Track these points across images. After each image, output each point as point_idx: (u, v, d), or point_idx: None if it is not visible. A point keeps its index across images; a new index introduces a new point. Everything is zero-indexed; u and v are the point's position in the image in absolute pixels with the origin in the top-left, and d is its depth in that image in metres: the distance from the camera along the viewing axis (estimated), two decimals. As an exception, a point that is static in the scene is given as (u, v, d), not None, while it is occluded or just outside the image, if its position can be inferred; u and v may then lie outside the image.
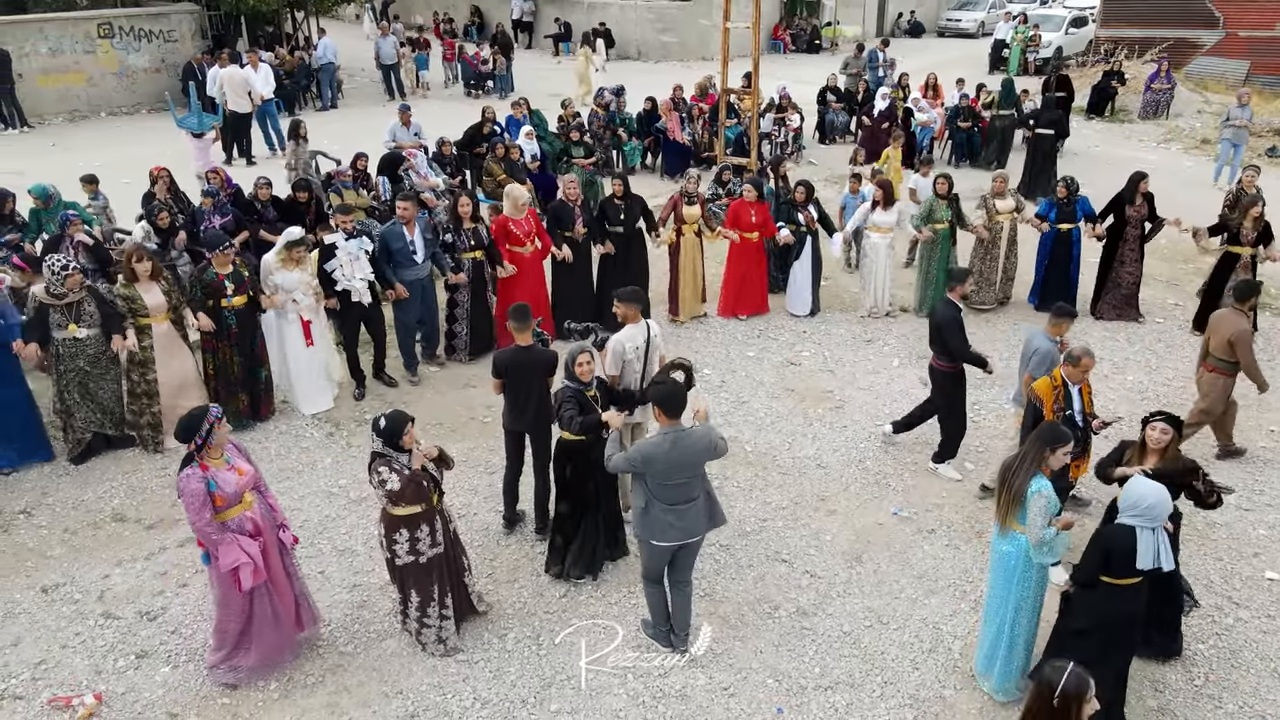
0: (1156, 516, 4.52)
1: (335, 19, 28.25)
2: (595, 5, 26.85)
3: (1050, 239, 9.94)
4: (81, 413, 7.11)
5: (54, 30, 17.69)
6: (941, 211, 9.77)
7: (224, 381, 7.58)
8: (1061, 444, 4.82)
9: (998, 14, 29.17)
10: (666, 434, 4.95)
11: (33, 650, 5.40)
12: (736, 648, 5.54)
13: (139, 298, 7.06)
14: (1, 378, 6.93)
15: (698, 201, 9.62)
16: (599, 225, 9.31)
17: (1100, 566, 4.66)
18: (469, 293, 8.71)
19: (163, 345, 7.23)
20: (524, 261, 8.88)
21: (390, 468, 4.93)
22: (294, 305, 7.68)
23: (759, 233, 9.67)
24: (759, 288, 10.08)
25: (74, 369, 6.99)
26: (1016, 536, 4.89)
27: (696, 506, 5.12)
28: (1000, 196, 9.95)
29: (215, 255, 7.32)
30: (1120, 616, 4.71)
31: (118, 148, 15.67)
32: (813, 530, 6.62)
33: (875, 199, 9.77)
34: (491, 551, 6.34)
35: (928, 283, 10.00)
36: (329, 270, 7.84)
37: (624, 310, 6.28)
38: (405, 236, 8.25)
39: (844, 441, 7.74)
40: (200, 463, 4.80)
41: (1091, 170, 15.48)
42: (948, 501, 6.95)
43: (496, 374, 6.12)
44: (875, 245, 9.81)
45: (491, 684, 5.23)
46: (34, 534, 6.44)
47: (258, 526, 4.98)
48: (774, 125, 15.63)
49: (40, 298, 6.80)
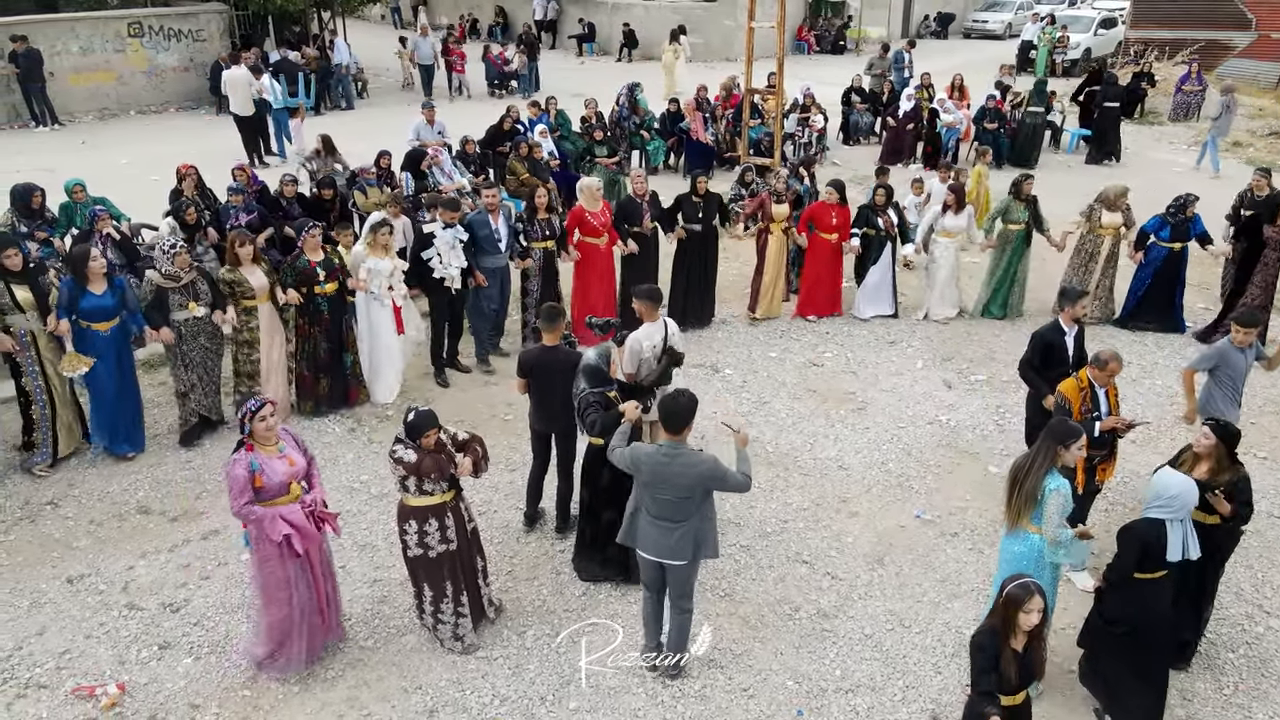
0: (1182, 507, 4.50)
1: (361, 19, 28.42)
2: (619, 6, 26.87)
3: (1160, 257, 9.33)
4: (196, 394, 7.35)
5: (85, 29, 17.90)
6: (1018, 213, 9.56)
7: (309, 365, 7.74)
8: (1073, 439, 4.79)
9: (1025, 15, 28.91)
10: (662, 447, 4.83)
11: (58, 640, 5.45)
12: (756, 649, 5.50)
13: (244, 280, 7.29)
14: (123, 369, 7.14)
15: (786, 200, 9.58)
16: (669, 219, 9.40)
17: (1136, 563, 4.61)
18: (539, 282, 8.84)
19: (266, 327, 7.47)
20: (597, 253, 9.01)
21: (407, 446, 4.97)
22: (388, 292, 7.85)
23: (837, 235, 9.59)
24: (833, 290, 9.96)
25: (196, 347, 7.21)
26: (1028, 536, 4.85)
27: (683, 530, 4.84)
28: (1110, 209, 9.47)
29: (305, 239, 7.52)
30: (1150, 612, 4.67)
31: (146, 145, 15.84)
32: (834, 532, 6.57)
33: (946, 203, 9.64)
34: (511, 549, 6.34)
35: (996, 285, 9.80)
36: (426, 259, 8.00)
37: (641, 308, 6.26)
38: (490, 224, 8.38)
39: (866, 443, 7.68)
40: (248, 444, 4.82)
41: (1123, 175, 15.32)
42: (971, 505, 6.88)
43: (521, 373, 6.12)
44: (944, 249, 9.69)
45: (511, 681, 5.23)
46: (60, 525, 6.50)
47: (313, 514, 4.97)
48: (798, 126, 15.56)
49: (157, 281, 6.98)
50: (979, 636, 4.06)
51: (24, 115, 17.16)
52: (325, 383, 7.86)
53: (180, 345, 7.17)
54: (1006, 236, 9.71)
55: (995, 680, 3.97)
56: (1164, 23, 22.45)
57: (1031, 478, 4.76)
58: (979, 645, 4.03)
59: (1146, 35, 22.51)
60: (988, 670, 3.98)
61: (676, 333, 6.33)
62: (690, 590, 5.10)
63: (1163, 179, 14.14)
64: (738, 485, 4.83)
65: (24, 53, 16.34)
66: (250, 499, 4.77)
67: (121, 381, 7.12)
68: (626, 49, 25.89)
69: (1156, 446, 7.49)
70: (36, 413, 6.94)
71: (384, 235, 7.85)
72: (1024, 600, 3.92)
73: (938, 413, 8.14)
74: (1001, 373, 8.83)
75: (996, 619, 4.04)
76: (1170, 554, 4.52)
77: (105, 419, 7.14)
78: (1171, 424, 7.86)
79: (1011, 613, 3.95)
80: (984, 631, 4.08)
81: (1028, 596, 3.92)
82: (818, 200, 9.88)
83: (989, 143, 15.29)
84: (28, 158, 14.63)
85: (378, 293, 7.84)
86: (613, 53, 26.47)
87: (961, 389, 8.56)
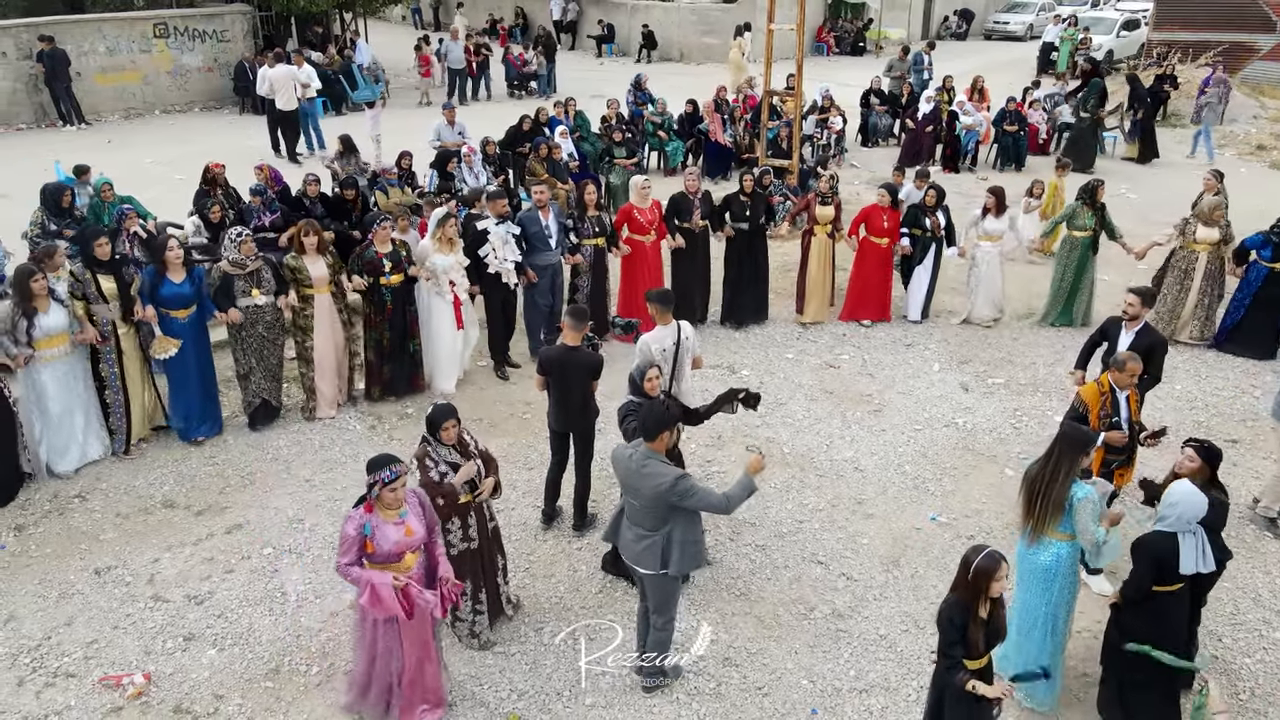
0: (1189, 518, 4.49)
1: (383, 20, 28.62)
2: (638, 7, 26.92)
3: (1259, 277, 8.82)
4: (255, 378, 7.59)
5: (112, 30, 18.12)
6: (1085, 219, 9.39)
7: (375, 353, 8.00)
8: (1092, 446, 4.85)
9: (1046, 17, 28.74)
10: (636, 452, 4.73)
11: (85, 630, 5.57)
12: (771, 648, 5.54)
13: (305, 269, 7.53)
14: (200, 355, 7.44)
15: (832, 202, 9.62)
16: (720, 217, 9.49)
17: (1152, 577, 4.59)
18: (590, 279, 8.95)
19: (322, 316, 7.65)
20: (645, 250, 9.12)
21: (423, 462, 5.03)
22: (450, 287, 8.01)
23: (888, 239, 9.60)
24: (883, 294, 9.93)
25: (254, 335, 7.45)
26: (1053, 545, 4.83)
27: (651, 541, 4.74)
28: (1206, 224, 9.09)
29: (376, 232, 7.72)
30: (1167, 626, 4.65)
31: (171, 145, 16.03)
32: (850, 533, 6.60)
33: (986, 206, 9.57)
34: (529, 546, 6.41)
35: (1063, 292, 9.69)
36: (481, 255, 8.14)
37: (654, 311, 6.31)
38: (541, 221, 8.48)
39: (882, 445, 7.70)
40: (367, 504, 4.56)
41: (1148, 178, 15.24)
42: (987, 508, 6.89)
43: (541, 370, 6.18)
44: (986, 253, 9.64)
45: (528, 676, 5.29)
46: (88, 518, 6.63)
47: (408, 596, 4.54)
48: (816, 127, 15.57)
49: (223, 268, 7.28)
50: (948, 610, 4.20)
51: (51, 114, 17.40)
52: (388, 370, 8.09)
53: (240, 331, 7.44)
54: (1072, 243, 9.52)
55: (965, 649, 4.14)
56: (1187, 25, 22.25)
57: (1058, 489, 4.74)
58: (949, 618, 4.17)
59: (1169, 37, 22.33)
60: (957, 641, 4.14)
61: (691, 335, 6.37)
62: (666, 606, 4.96)
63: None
64: (709, 505, 4.64)
65: (49, 53, 16.58)
66: (353, 560, 4.49)
67: (198, 366, 7.45)
68: (645, 50, 25.95)
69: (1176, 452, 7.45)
70: (110, 398, 7.20)
71: (450, 228, 7.98)
72: (994, 570, 4.06)
73: (954, 415, 8.15)
74: (1019, 376, 8.83)
75: (963, 591, 4.16)
76: (1183, 566, 4.50)
77: (182, 403, 7.47)
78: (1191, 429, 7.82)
79: (983, 584, 4.09)
80: (952, 605, 4.20)
81: (997, 566, 4.07)
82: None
83: (1008, 146, 15.27)
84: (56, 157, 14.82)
85: (440, 288, 8.00)
86: (632, 54, 26.53)
87: (979, 392, 8.56)
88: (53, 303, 6.70)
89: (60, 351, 6.79)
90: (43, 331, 6.62)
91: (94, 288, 6.96)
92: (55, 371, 6.81)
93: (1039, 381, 8.75)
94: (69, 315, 6.79)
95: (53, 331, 6.68)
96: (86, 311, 6.92)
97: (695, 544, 4.87)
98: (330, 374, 7.88)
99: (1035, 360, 9.17)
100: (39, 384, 6.80)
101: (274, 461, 7.34)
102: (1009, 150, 15.72)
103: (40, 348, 6.65)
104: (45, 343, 6.67)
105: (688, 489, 4.61)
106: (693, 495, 4.62)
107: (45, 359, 6.71)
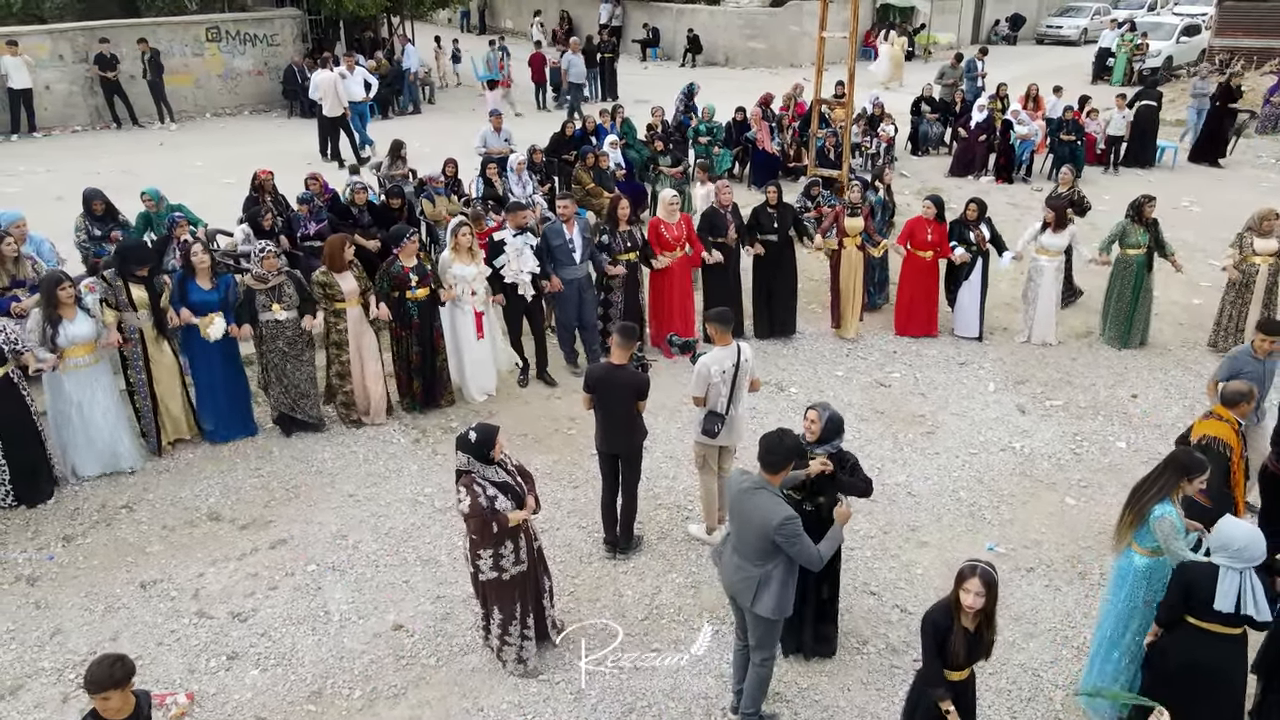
0: (1248, 559, 4.25)
1: (430, 23, 28.77)
2: (684, 11, 26.77)
3: None
4: (275, 391, 7.64)
5: (165, 33, 18.39)
6: (1138, 236, 9.10)
7: (403, 367, 8.01)
8: (1199, 474, 4.67)
9: (1102, 21, 28.06)
10: (748, 478, 4.66)
11: (130, 646, 5.53)
12: (823, 684, 5.36)
13: (336, 284, 7.54)
14: (228, 360, 7.54)
15: (861, 214, 9.45)
16: (751, 231, 9.35)
17: (1181, 605, 4.42)
18: (623, 293, 8.84)
19: (353, 329, 7.69)
20: (671, 266, 8.98)
21: (471, 488, 4.89)
22: (471, 298, 8.02)
23: (933, 252, 9.40)
24: (929, 309, 9.72)
25: (275, 350, 7.47)
26: (1130, 554, 4.84)
27: (749, 575, 4.62)
28: (1262, 235, 8.77)
29: (401, 247, 7.72)
30: (1205, 666, 4.39)
31: (220, 148, 16.20)
32: (903, 562, 6.39)
33: (1046, 220, 9.27)
34: (574, 569, 6.29)
35: (1117, 315, 9.39)
36: (498, 266, 8.12)
37: (713, 331, 6.15)
38: (565, 234, 8.39)
39: (936, 469, 7.47)
40: None
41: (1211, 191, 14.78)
42: (1047, 538, 6.64)
43: (586, 388, 6.07)
44: (1042, 269, 9.33)
45: (573, 707, 5.17)
46: (134, 529, 6.63)
47: None
48: (864, 136, 15.28)
49: (246, 282, 7.36)
50: (933, 612, 4.17)
51: (106, 117, 17.69)
52: (418, 383, 8.07)
53: (261, 345, 7.45)
54: (1125, 262, 9.21)
55: (944, 659, 4.13)
56: (1251, 30, 21.56)
57: (1145, 501, 4.73)
58: (933, 621, 4.14)
59: (1232, 43, 21.66)
60: (936, 651, 4.13)
61: (750, 357, 6.20)
62: (767, 643, 4.79)
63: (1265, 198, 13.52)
64: (807, 558, 4.50)
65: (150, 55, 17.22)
66: None
67: (226, 371, 7.53)
68: (690, 54, 25.79)
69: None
70: (139, 403, 7.31)
71: (465, 236, 7.92)
72: (966, 578, 4.05)
73: (1011, 439, 7.89)
74: (1078, 398, 8.54)
75: (954, 594, 4.12)
76: (1218, 603, 4.26)
77: (210, 406, 7.61)
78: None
79: (956, 586, 4.08)
80: (939, 607, 4.17)
81: (968, 575, 4.04)
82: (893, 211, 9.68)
83: (1065, 156, 14.85)
84: (110, 159, 15.06)
85: (461, 298, 7.99)
86: (676, 58, 26.40)
87: (1036, 414, 8.29)
88: (79, 311, 6.79)
89: (85, 360, 6.88)
90: (67, 339, 6.71)
91: (125, 295, 7.04)
92: (79, 379, 6.90)
93: (1099, 404, 8.45)
94: (95, 325, 6.87)
95: (77, 340, 6.77)
96: (117, 319, 7.01)
97: (790, 590, 4.67)
98: (372, 381, 7.87)
99: (1095, 382, 8.86)
100: (63, 390, 6.91)
101: (318, 475, 7.31)
102: (1065, 160, 15.28)
103: (65, 355, 6.75)
104: (70, 351, 6.77)
105: (795, 532, 4.46)
106: (797, 541, 4.46)
107: (69, 366, 6.82)
